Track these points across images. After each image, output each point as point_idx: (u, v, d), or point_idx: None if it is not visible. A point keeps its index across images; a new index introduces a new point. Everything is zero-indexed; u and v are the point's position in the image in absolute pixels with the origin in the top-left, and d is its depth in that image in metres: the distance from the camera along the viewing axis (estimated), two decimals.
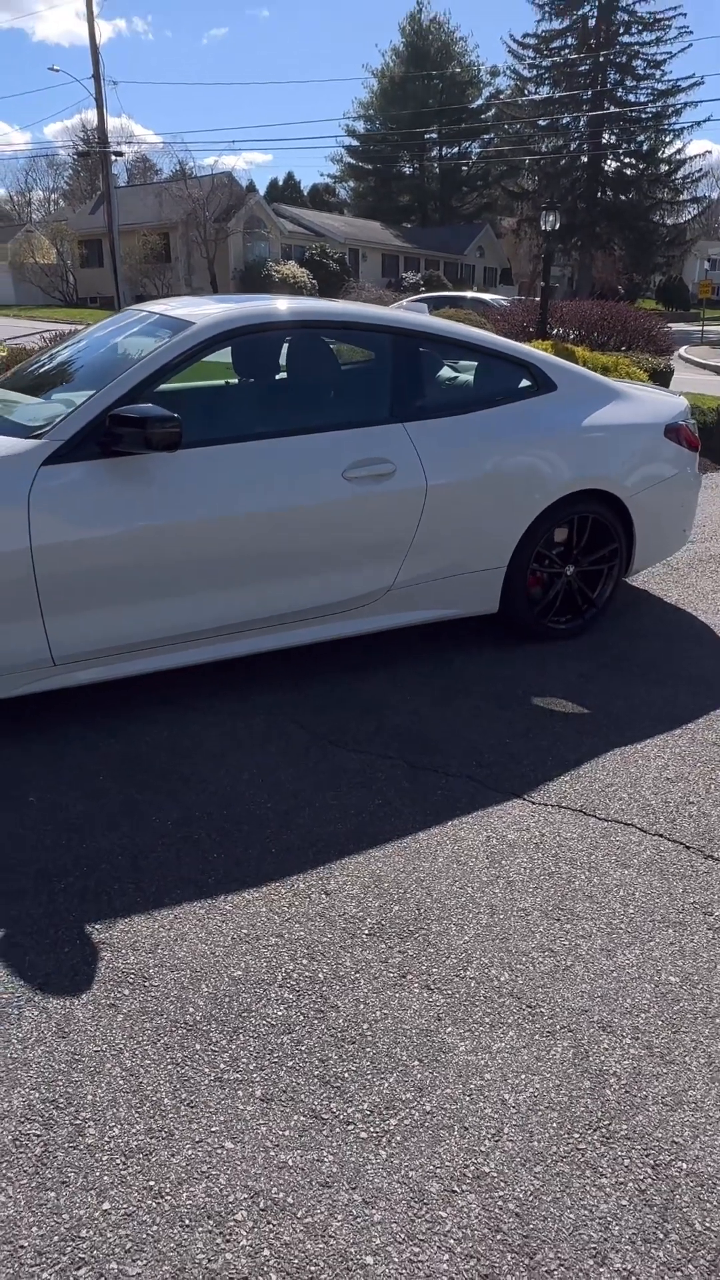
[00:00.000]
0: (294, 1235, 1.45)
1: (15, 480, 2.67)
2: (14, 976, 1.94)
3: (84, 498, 2.77)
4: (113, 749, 2.88)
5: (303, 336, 3.54)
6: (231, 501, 2.98)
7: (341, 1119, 1.65)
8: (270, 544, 3.06)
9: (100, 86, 26.16)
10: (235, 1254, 1.42)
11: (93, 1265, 1.39)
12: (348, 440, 3.21)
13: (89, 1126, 1.62)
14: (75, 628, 2.82)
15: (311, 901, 2.23)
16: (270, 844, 2.44)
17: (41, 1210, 1.47)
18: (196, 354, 3.01)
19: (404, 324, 3.54)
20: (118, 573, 2.83)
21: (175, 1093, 1.69)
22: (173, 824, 2.51)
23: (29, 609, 2.73)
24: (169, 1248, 1.42)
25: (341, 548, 3.21)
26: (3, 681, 2.77)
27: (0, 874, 2.26)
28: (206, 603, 3.01)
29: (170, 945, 2.06)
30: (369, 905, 2.22)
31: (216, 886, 2.27)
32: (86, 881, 2.26)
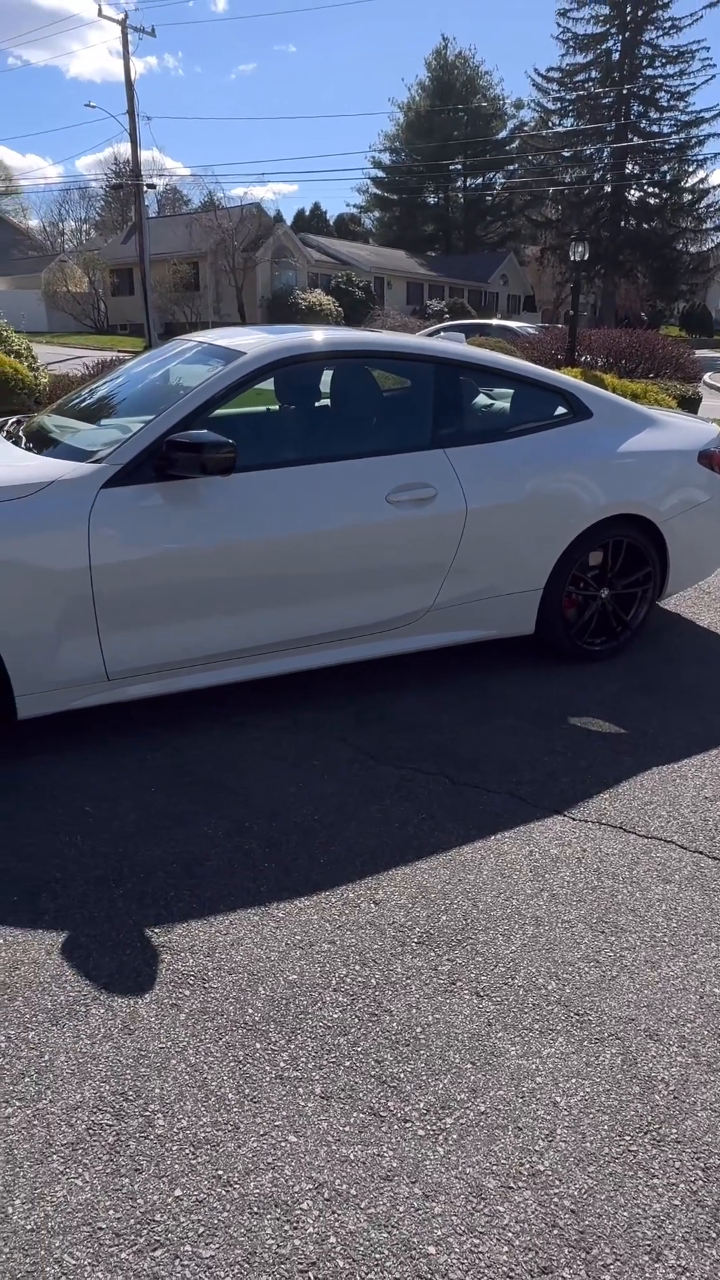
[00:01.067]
0: (358, 1224, 1.51)
1: (77, 503, 2.79)
2: (80, 976, 2.03)
3: (140, 520, 2.88)
4: (163, 761, 2.97)
5: (347, 365, 3.66)
6: (280, 524, 3.09)
7: (399, 1116, 1.71)
8: (316, 565, 3.16)
9: (134, 122, 26.89)
10: (303, 1240, 1.48)
11: (168, 1247, 1.46)
12: (390, 465, 3.32)
13: (158, 1118, 1.69)
14: (129, 644, 2.92)
15: (361, 910, 2.30)
16: (318, 854, 2.52)
17: (117, 1195, 1.54)
18: (248, 382, 3.13)
19: (444, 353, 3.66)
20: (170, 592, 2.94)
21: (238, 1088, 1.76)
22: (223, 834, 2.59)
23: (86, 625, 2.84)
24: (240, 1233, 1.48)
25: (384, 569, 3.30)
26: (61, 695, 2.88)
27: (62, 880, 2.35)
28: (254, 621, 3.11)
29: (227, 949, 2.14)
30: (417, 915, 2.29)
31: (268, 894, 2.34)
32: (144, 887, 2.34)
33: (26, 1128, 1.65)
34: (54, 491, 2.80)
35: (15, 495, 2.77)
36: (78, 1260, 1.43)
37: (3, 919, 2.19)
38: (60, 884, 2.33)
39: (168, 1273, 1.42)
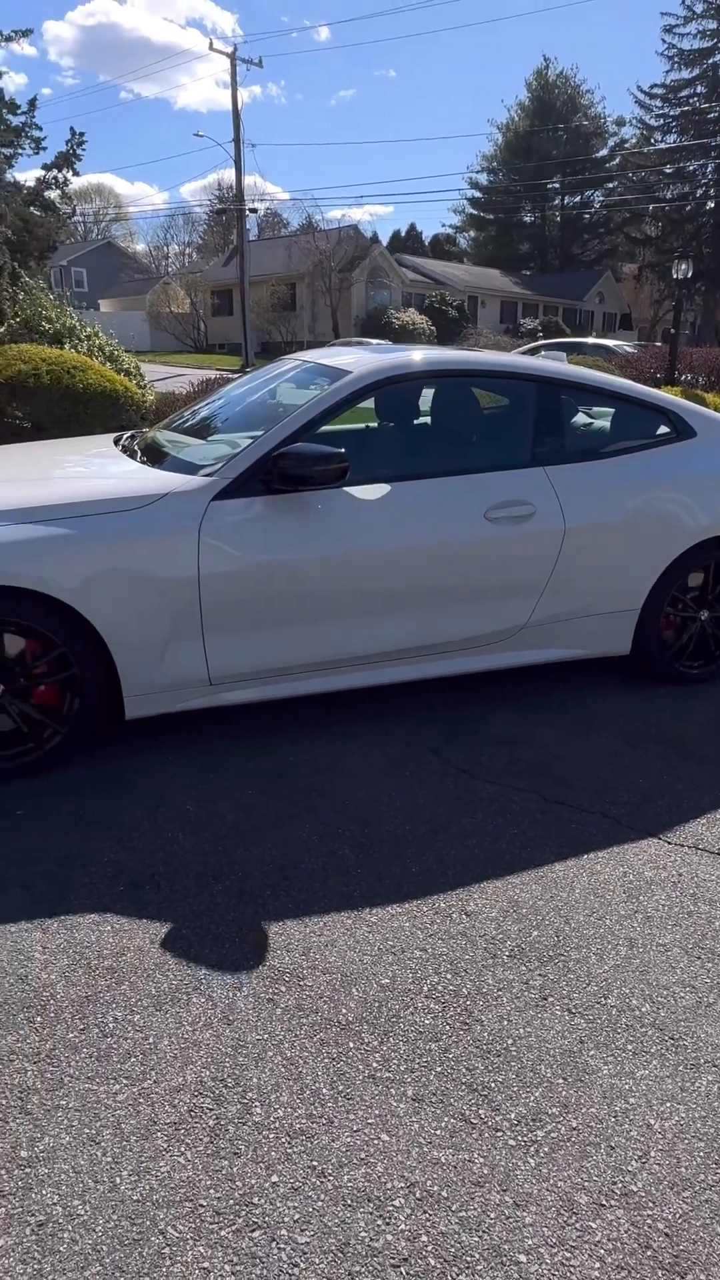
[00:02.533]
0: (450, 1226, 1.53)
1: (188, 514, 2.93)
2: (182, 966, 2.11)
3: (247, 531, 2.99)
4: (260, 765, 3.06)
5: (448, 384, 3.71)
6: (381, 538, 3.16)
7: (490, 1125, 1.73)
8: (414, 579, 3.22)
9: (239, 149, 27.79)
10: (395, 1236, 1.51)
11: (265, 1230, 1.51)
12: (490, 482, 3.35)
13: (255, 1106, 1.75)
14: (231, 651, 3.03)
15: (452, 921, 2.32)
16: (410, 863, 2.55)
17: (217, 1175, 1.60)
18: (353, 400, 3.22)
19: (544, 372, 3.67)
20: (272, 601, 3.04)
21: (332, 1084, 1.80)
22: (317, 838, 2.66)
23: (192, 632, 2.96)
24: (334, 1223, 1.53)
25: (480, 585, 3.33)
26: (166, 697, 3.01)
27: (166, 874, 2.46)
28: (352, 633, 3.18)
29: (321, 950, 2.19)
30: (508, 928, 2.30)
31: (361, 899, 2.39)
32: (242, 885, 2.42)
33: (133, 1104, 1.74)
34: (167, 503, 2.94)
35: (131, 506, 2.92)
36: (180, 1233, 1.50)
37: (111, 907, 2.31)
38: (164, 878, 2.44)
39: (265, 1254, 1.47)
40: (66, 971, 2.08)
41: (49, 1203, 1.54)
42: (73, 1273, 1.43)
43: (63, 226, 22.28)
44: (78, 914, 2.28)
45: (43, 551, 2.75)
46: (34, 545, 2.75)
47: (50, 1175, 1.59)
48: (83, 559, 2.79)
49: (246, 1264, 1.45)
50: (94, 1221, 1.51)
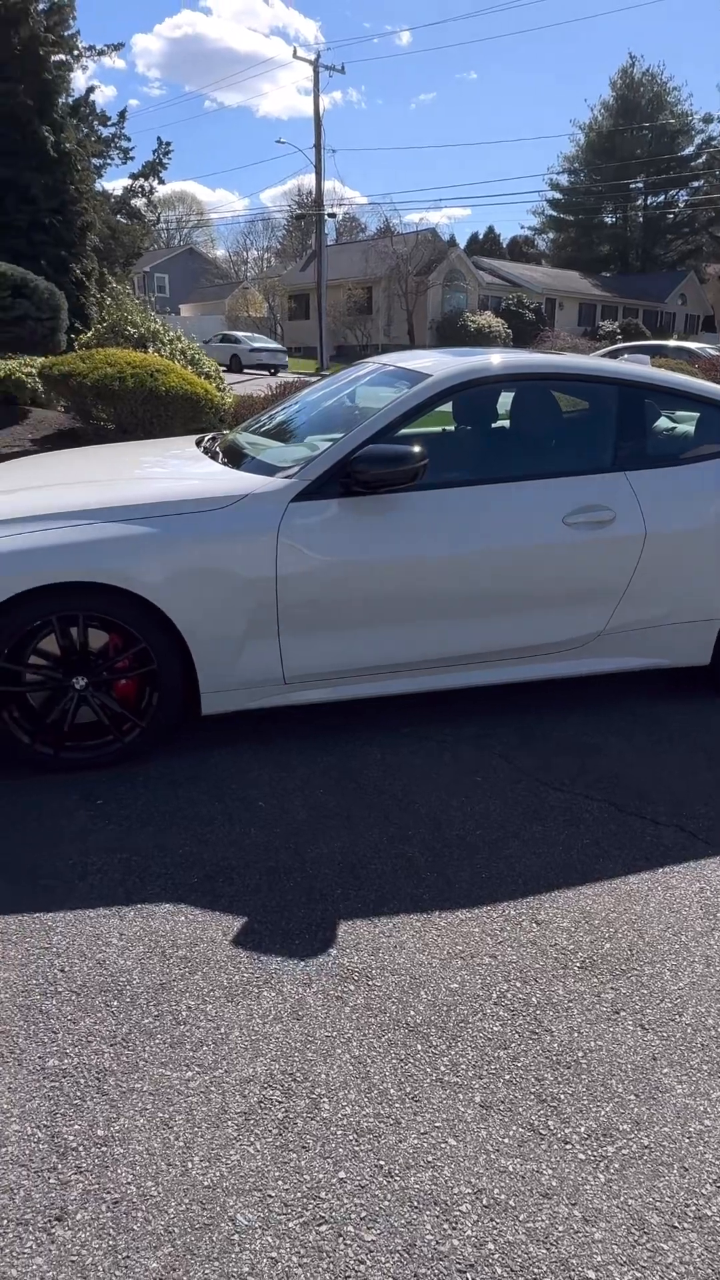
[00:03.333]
0: (517, 1236, 1.52)
1: (268, 515, 2.97)
2: (254, 959, 2.15)
3: (325, 532, 3.02)
4: (332, 764, 3.09)
5: (527, 387, 3.68)
6: (458, 541, 3.15)
7: (559, 1137, 1.70)
8: (490, 583, 3.20)
9: (320, 155, 28.06)
10: (461, 1241, 1.50)
11: (332, 1225, 1.52)
12: (570, 487, 3.31)
13: (324, 1102, 1.76)
14: (306, 650, 3.06)
15: (523, 929, 2.30)
16: (480, 869, 2.54)
17: (286, 1168, 1.62)
18: (433, 403, 3.22)
19: (626, 375, 3.61)
20: (348, 602, 3.06)
21: (400, 1085, 1.81)
22: (387, 839, 2.66)
23: (268, 631, 3.00)
24: (400, 1224, 1.53)
25: (557, 590, 3.29)
26: (241, 695, 3.06)
27: (238, 868, 2.50)
28: (426, 635, 3.18)
29: (390, 951, 2.20)
30: (580, 939, 2.26)
31: (430, 903, 2.39)
32: (312, 883, 2.45)
33: (204, 1092, 1.77)
34: (247, 504, 3.00)
35: (212, 506, 2.98)
36: (249, 1221, 1.52)
37: (185, 898, 2.36)
38: (236, 871, 2.48)
39: (332, 1249, 1.48)
40: (142, 959, 2.14)
41: (124, 1181, 1.58)
42: (146, 1251, 1.47)
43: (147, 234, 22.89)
44: (153, 903, 2.34)
45: (127, 549, 2.83)
46: (119, 543, 2.83)
47: (125, 1155, 1.63)
48: (165, 557, 2.86)
49: (313, 1257, 1.47)
50: (166, 1203, 1.55)
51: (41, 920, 2.26)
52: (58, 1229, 1.50)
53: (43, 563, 2.75)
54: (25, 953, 2.14)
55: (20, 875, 2.44)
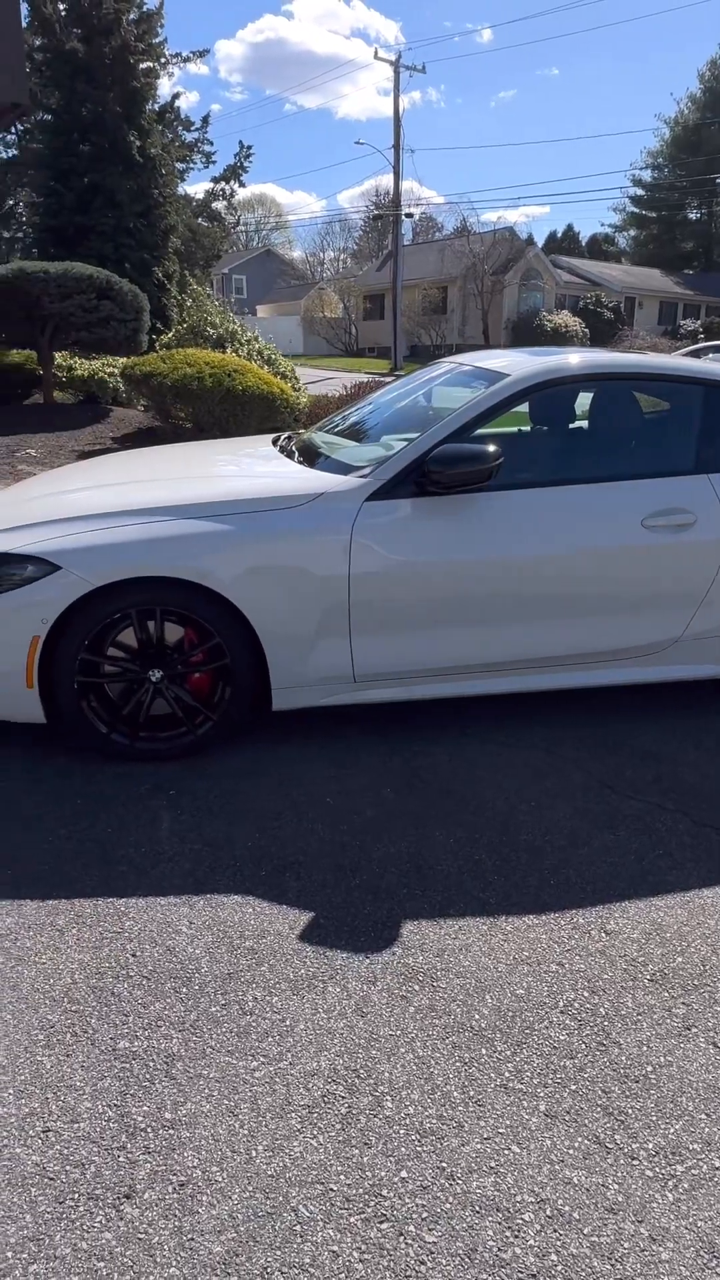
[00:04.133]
0: (581, 1249, 1.49)
1: (342, 514, 2.99)
2: (319, 954, 2.16)
3: (398, 532, 3.03)
4: (399, 764, 3.09)
5: (607, 387, 3.61)
6: (533, 543, 3.11)
7: (626, 1152, 1.67)
8: (565, 585, 3.15)
9: (399, 155, 28.07)
10: (524, 1250, 1.49)
11: (393, 1223, 1.52)
12: (649, 489, 3.24)
13: (386, 1100, 1.77)
14: (377, 649, 3.07)
15: (591, 938, 2.26)
16: (548, 875, 2.50)
17: (348, 1163, 1.63)
18: (511, 403, 3.19)
19: (711, 375, 3.51)
20: (420, 602, 3.06)
21: (463, 1089, 1.80)
22: (454, 841, 2.65)
23: (340, 629, 3.02)
24: (462, 1227, 1.52)
25: (633, 595, 3.22)
26: (312, 691, 3.08)
27: (305, 863, 2.52)
28: (499, 637, 3.15)
29: (455, 953, 2.19)
30: (650, 951, 2.21)
31: (497, 906, 2.37)
32: (378, 881, 2.45)
33: (269, 1083, 1.79)
34: (322, 502, 3.02)
35: (287, 505, 3.01)
36: (311, 1214, 1.54)
37: (253, 891, 2.39)
38: (303, 867, 2.50)
39: (393, 1247, 1.48)
40: (210, 948, 2.17)
41: (190, 1165, 1.61)
42: (209, 1235, 1.49)
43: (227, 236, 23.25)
44: (222, 894, 2.38)
45: (204, 546, 2.88)
46: (196, 540, 2.89)
47: (191, 1139, 1.66)
48: (240, 554, 2.90)
49: (374, 1253, 1.47)
50: (230, 1189, 1.57)
51: (115, 905, 2.32)
52: (126, 1206, 1.54)
53: (123, 558, 2.83)
54: (99, 936, 2.21)
55: (95, 860, 2.51)
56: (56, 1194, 1.56)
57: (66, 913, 2.29)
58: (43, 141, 18.91)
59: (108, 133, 17.97)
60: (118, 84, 18.08)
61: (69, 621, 2.84)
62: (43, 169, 18.75)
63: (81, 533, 2.90)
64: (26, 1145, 1.64)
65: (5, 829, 2.65)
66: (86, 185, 18.00)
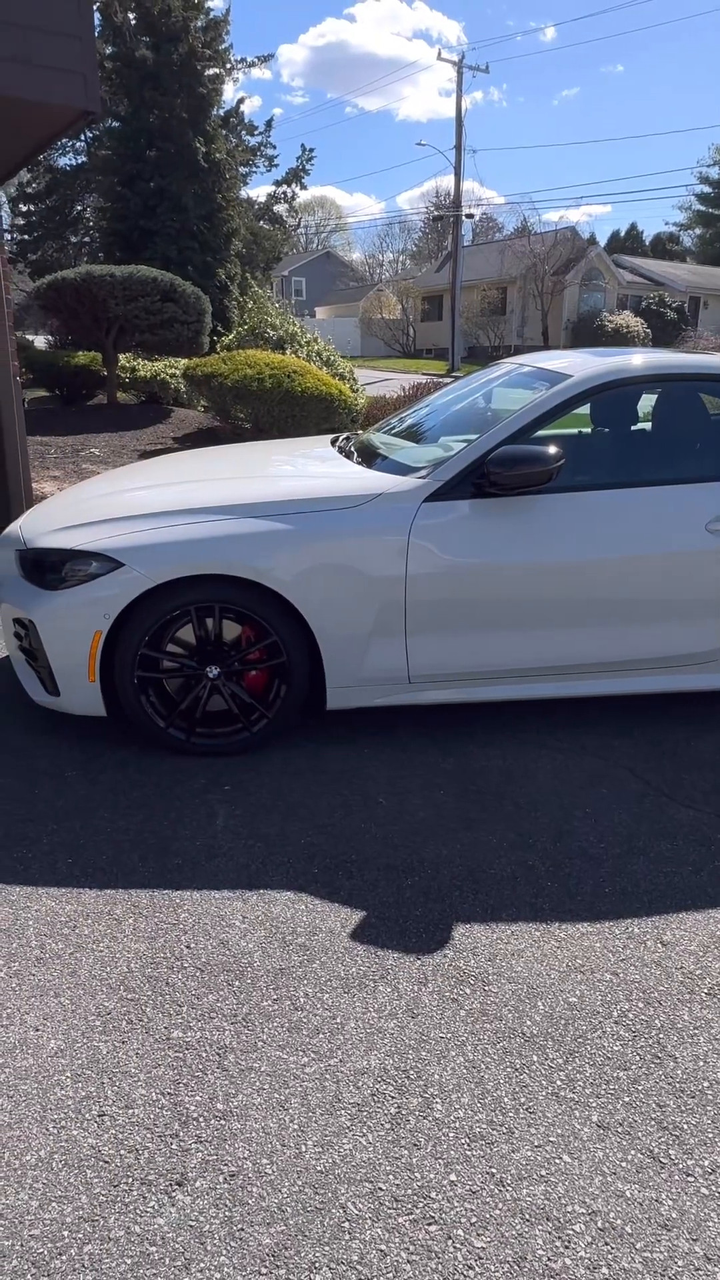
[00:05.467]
0: (632, 1264, 1.47)
1: (400, 514, 2.99)
2: (370, 953, 2.17)
3: (456, 533, 3.02)
4: (452, 766, 3.07)
5: (671, 388, 3.55)
6: (593, 546, 3.07)
7: (681, 1168, 1.64)
8: (625, 589, 3.10)
9: (460, 156, 27.95)
10: (574, 1262, 1.47)
11: (442, 1227, 1.52)
12: (713, 492, 3.17)
13: (436, 1102, 1.76)
14: (432, 650, 3.06)
15: (647, 948, 2.22)
16: (604, 883, 2.47)
17: (396, 1164, 1.63)
18: (573, 404, 3.16)
19: None
20: (476, 604, 3.04)
21: (514, 1095, 1.78)
22: (507, 845, 2.63)
23: (395, 629, 3.02)
24: (511, 1234, 1.51)
25: (694, 600, 3.16)
26: (367, 691, 3.09)
27: (358, 862, 2.53)
28: (555, 640, 3.12)
29: (507, 958, 2.17)
30: (709, 964, 2.16)
31: (550, 913, 2.34)
32: (430, 883, 2.45)
33: (319, 1079, 1.80)
34: (380, 503, 3.02)
35: (345, 505, 3.02)
36: (359, 1211, 1.54)
37: (306, 888, 2.41)
38: (356, 865, 2.51)
39: (441, 1250, 1.48)
40: (263, 943, 2.19)
41: (240, 1156, 1.63)
42: (259, 1226, 1.51)
43: (288, 239, 23.44)
44: (275, 890, 2.40)
45: (263, 544, 2.91)
46: (255, 538, 2.92)
47: (242, 1131, 1.68)
48: (298, 553, 2.92)
49: (422, 1255, 1.47)
50: (280, 1183, 1.59)
51: (170, 897, 2.36)
52: (178, 1193, 1.56)
53: (183, 555, 2.87)
54: (155, 926, 2.24)
55: (151, 852, 2.55)
56: (111, 1177, 1.59)
57: (124, 902, 2.34)
58: (111, 148, 19.33)
59: (174, 138, 18.28)
60: (185, 90, 18.38)
61: (130, 617, 2.89)
62: (110, 174, 19.17)
63: (143, 530, 2.95)
64: (83, 1128, 1.68)
65: (65, 820, 2.72)
66: (152, 190, 18.34)
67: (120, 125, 19.06)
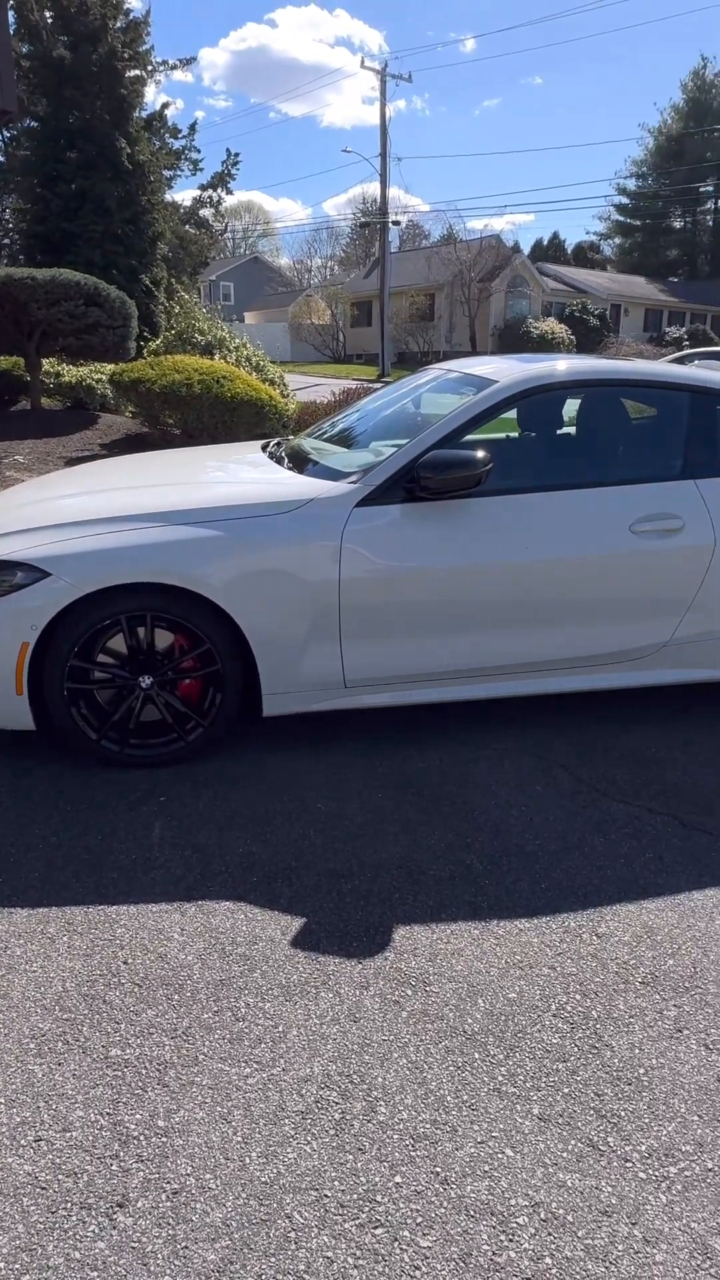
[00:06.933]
0: (575, 1252, 1.49)
1: (332, 519, 3.00)
2: (311, 960, 2.16)
3: (388, 538, 3.04)
4: (390, 769, 3.09)
5: (595, 393, 3.64)
6: (522, 548, 3.13)
7: (619, 1154, 1.67)
8: (554, 591, 3.17)
9: (385, 163, 28.20)
10: (518, 1254, 1.49)
11: (388, 1229, 1.52)
12: (637, 495, 3.26)
13: (380, 1105, 1.76)
14: (367, 654, 3.08)
15: (583, 941, 2.27)
16: (540, 880, 2.51)
17: (341, 1169, 1.63)
18: (500, 409, 3.21)
19: (699, 382, 3.54)
20: (409, 608, 3.07)
21: (457, 1093, 1.80)
22: (445, 846, 2.65)
23: (330, 634, 3.02)
24: (456, 1231, 1.52)
25: (622, 599, 3.24)
26: (303, 697, 3.08)
27: (297, 869, 2.52)
28: (488, 642, 3.16)
29: (448, 958, 2.19)
30: (641, 954, 2.22)
31: (489, 911, 2.37)
32: (370, 886, 2.45)
33: (262, 1089, 1.79)
34: (311, 508, 3.02)
35: (277, 511, 3.02)
36: (305, 1220, 1.53)
37: (245, 897, 2.39)
38: (295, 872, 2.50)
39: (387, 1252, 1.48)
40: (203, 954, 2.17)
41: (183, 1173, 1.61)
42: (203, 1243, 1.49)
43: (215, 243, 23.28)
44: (214, 900, 2.37)
45: (194, 552, 2.88)
46: (187, 546, 2.88)
47: (185, 1147, 1.66)
48: (231, 560, 2.90)
49: (369, 1259, 1.47)
50: (224, 1197, 1.57)
51: (106, 912, 2.31)
52: (119, 1215, 1.53)
53: (112, 564, 2.82)
54: (90, 943, 2.20)
55: (85, 868, 2.50)
56: (49, 1203, 1.55)
57: (57, 920, 2.28)
58: (30, 148, 18.91)
59: (96, 140, 17.99)
60: (105, 91, 18.10)
61: (58, 628, 2.83)
62: (29, 175, 18.75)
63: (71, 539, 2.89)
64: (19, 1155, 1.63)
65: None
66: (74, 192, 18.00)
67: (39, 125, 18.66)
